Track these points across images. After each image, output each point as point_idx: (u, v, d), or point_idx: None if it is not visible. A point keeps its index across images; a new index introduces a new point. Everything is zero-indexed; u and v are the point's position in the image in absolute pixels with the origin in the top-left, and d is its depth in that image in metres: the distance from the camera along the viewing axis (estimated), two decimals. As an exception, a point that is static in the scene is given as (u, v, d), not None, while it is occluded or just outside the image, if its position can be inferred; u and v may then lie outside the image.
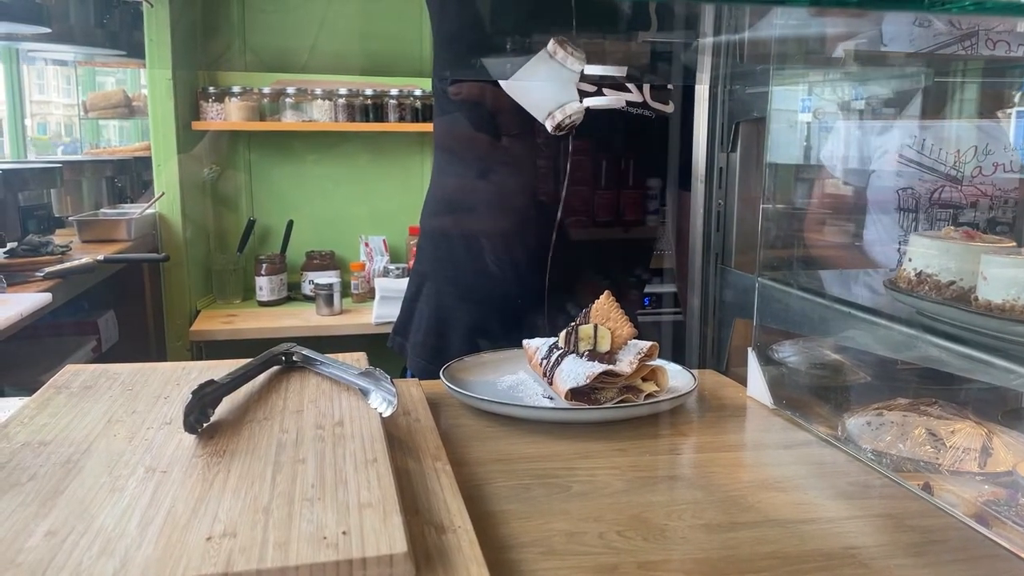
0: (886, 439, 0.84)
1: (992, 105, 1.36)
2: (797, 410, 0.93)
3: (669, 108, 1.25)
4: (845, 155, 1.51)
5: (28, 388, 0.85)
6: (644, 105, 1.23)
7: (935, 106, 1.38)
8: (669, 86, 1.23)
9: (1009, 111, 1.35)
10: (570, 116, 1.03)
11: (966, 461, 0.80)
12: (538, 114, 1.14)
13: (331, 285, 2.65)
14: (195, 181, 2.77)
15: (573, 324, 0.95)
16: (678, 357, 1.13)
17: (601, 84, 1.21)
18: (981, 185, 1.30)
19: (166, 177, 2.61)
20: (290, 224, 2.85)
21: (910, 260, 0.85)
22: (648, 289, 1.88)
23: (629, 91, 1.22)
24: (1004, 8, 0.73)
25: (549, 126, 1.01)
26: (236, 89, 2.72)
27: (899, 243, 1.38)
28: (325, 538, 0.51)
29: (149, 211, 2.61)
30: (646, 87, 1.22)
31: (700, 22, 1.11)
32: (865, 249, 1.47)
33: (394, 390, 0.77)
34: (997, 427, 0.84)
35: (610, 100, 1.14)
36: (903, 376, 0.99)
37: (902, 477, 0.76)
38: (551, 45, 1.10)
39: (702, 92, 1.13)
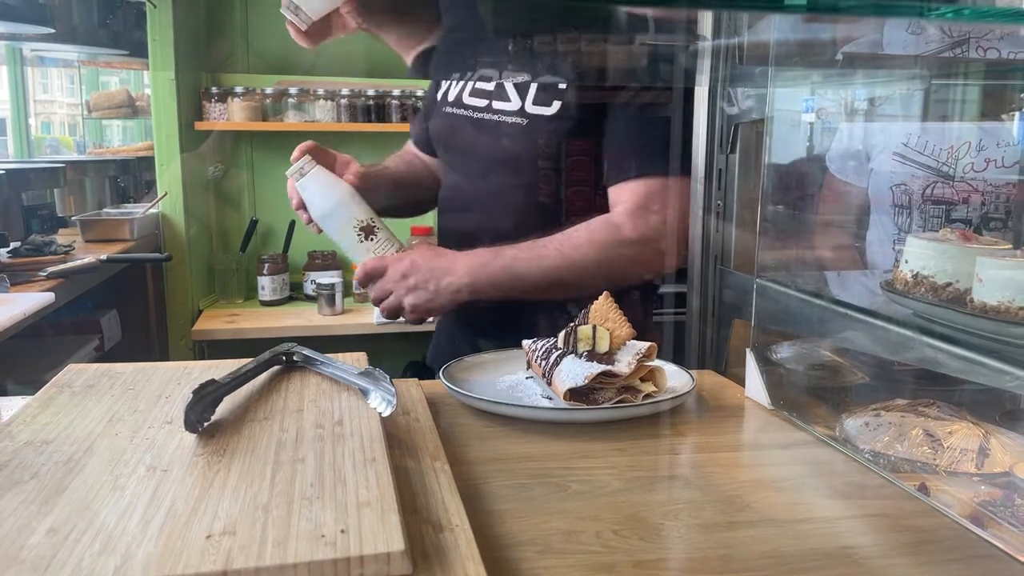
0: (884, 440, 0.84)
1: (988, 105, 1.36)
2: (795, 411, 0.93)
3: (551, 110, 1.19)
4: (842, 156, 1.52)
5: (31, 387, 0.86)
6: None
7: (930, 107, 1.38)
8: (561, 85, 1.17)
9: (1004, 116, 1.36)
10: None
11: (963, 462, 0.80)
12: None
13: (333, 285, 2.65)
14: (198, 181, 2.77)
15: (572, 325, 0.95)
16: (677, 357, 1.13)
17: (493, 98, 1.22)
18: (973, 181, 1.30)
19: (169, 177, 2.62)
20: (292, 224, 2.86)
21: (906, 262, 0.85)
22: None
23: (509, 100, 1.21)
24: (1001, 15, 0.74)
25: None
26: (239, 89, 2.73)
27: (894, 242, 1.38)
28: (323, 536, 0.52)
29: (152, 211, 2.62)
30: (530, 94, 1.19)
31: (699, 25, 1.12)
32: (862, 249, 1.48)
33: (393, 390, 0.77)
34: (995, 428, 0.84)
35: None
36: (901, 377, 0.99)
37: (899, 478, 0.76)
38: None
39: (701, 94, 1.13)
